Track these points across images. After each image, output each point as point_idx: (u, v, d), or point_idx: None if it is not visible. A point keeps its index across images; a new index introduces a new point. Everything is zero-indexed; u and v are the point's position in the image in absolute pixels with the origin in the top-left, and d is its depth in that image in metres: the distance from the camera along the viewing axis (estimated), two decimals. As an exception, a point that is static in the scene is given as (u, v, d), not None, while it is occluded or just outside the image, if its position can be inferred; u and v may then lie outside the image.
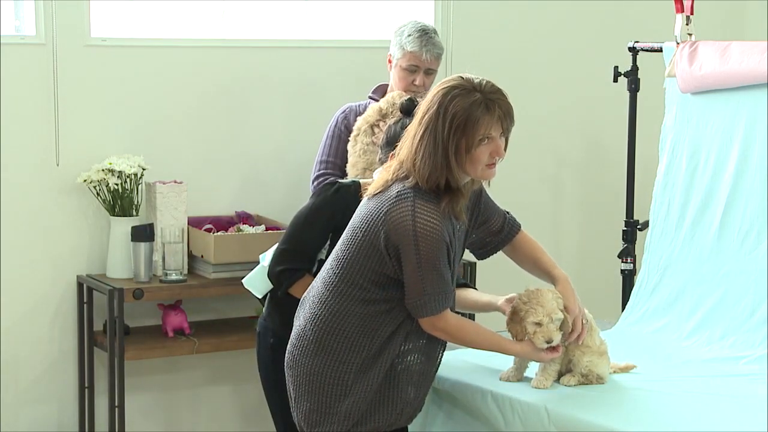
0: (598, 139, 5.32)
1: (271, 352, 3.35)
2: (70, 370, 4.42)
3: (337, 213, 3.27)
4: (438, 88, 2.93)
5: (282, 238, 3.37)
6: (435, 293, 2.90)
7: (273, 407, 3.43)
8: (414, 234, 2.85)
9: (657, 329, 3.75)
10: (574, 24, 5.22)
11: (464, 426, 3.18)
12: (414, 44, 3.98)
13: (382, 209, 2.91)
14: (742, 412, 2.95)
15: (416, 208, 2.86)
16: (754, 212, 3.65)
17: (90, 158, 4.30)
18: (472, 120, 2.86)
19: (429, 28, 4.05)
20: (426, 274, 2.87)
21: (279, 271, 3.29)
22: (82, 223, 4.39)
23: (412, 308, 2.92)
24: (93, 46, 4.35)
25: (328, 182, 3.38)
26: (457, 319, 2.99)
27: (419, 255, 2.85)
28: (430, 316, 2.92)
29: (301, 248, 3.30)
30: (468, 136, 2.87)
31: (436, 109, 2.88)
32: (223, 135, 4.58)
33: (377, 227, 2.90)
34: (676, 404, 3.01)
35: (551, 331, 3.01)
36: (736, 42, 3.81)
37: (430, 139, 2.88)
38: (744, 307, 3.59)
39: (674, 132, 3.93)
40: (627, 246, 4.47)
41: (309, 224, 3.31)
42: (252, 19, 4.64)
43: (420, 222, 2.85)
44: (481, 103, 2.87)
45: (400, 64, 4.01)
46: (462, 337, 3.01)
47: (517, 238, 3.20)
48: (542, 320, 3.01)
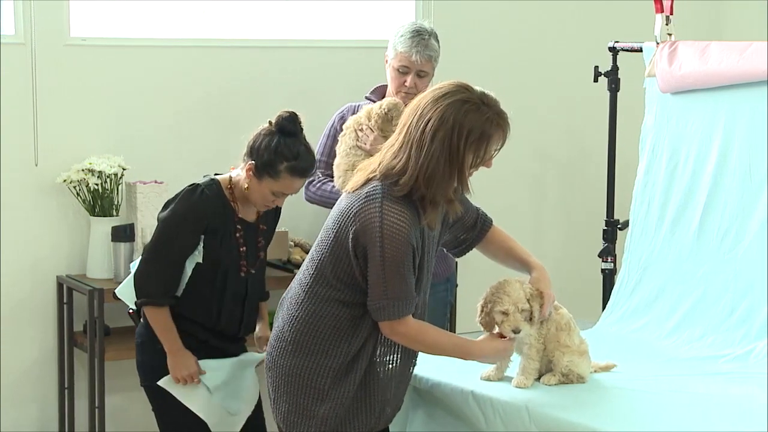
0: (578, 139, 5.34)
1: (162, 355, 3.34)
2: (50, 370, 4.41)
3: (205, 215, 3.28)
4: (439, 97, 2.87)
5: (148, 247, 3.35)
6: (396, 297, 2.88)
7: (157, 410, 3.43)
8: (380, 235, 2.84)
9: (637, 328, 3.76)
10: (554, 24, 5.23)
11: (445, 426, 3.18)
12: (404, 45, 3.94)
13: (352, 210, 2.90)
14: (722, 411, 2.97)
15: (384, 208, 2.85)
16: (733, 212, 3.67)
17: (70, 158, 4.29)
18: (486, 136, 2.86)
19: (425, 29, 3.97)
20: (389, 277, 2.86)
21: (141, 303, 3.32)
22: (61, 223, 4.37)
23: (372, 311, 2.91)
24: (73, 45, 4.33)
25: (190, 187, 3.33)
26: (418, 324, 2.96)
27: (383, 256, 2.84)
28: (389, 320, 2.91)
29: (170, 257, 3.29)
30: (480, 151, 2.87)
31: (452, 124, 2.83)
32: (204, 134, 4.56)
33: (347, 227, 2.90)
34: (657, 403, 3.02)
35: (518, 320, 3.02)
36: (716, 42, 3.82)
37: (439, 150, 2.83)
38: (723, 306, 3.61)
39: (654, 132, 3.94)
40: (607, 245, 4.49)
41: (176, 232, 3.29)
42: (233, 19, 4.63)
43: (387, 223, 2.84)
44: (493, 120, 2.87)
45: (392, 65, 3.99)
46: (422, 341, 2.98)
47: (490, 232, 3.20)
48: (508, 309, 3.01)
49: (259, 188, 3.30)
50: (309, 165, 3.30)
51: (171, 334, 3.32)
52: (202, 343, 3.38)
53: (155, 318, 3.33)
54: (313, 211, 4.18)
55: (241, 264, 3.36)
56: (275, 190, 3.29)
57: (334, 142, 3.96)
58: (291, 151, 3.26)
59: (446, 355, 3.05)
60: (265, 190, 3.29)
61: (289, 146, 3.26)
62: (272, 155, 3.25)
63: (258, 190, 3.30)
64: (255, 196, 3.32)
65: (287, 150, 3.25)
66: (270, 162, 3.25)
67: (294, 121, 3.29)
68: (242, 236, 3.36)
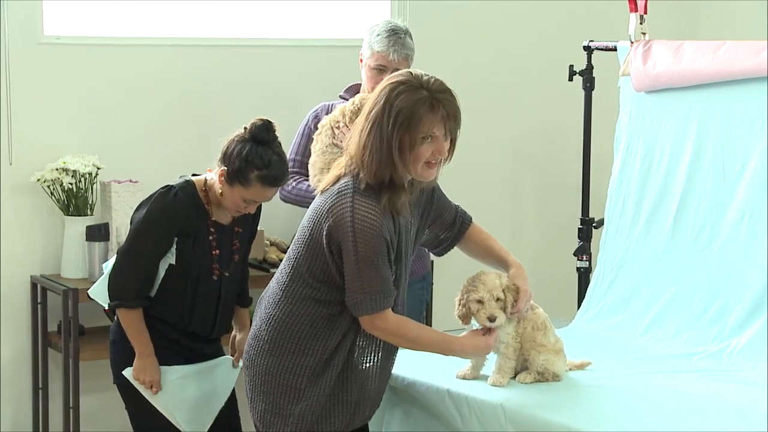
0: (553, 138, 5.35)
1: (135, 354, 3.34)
2: (24, 371, 4.38)
3: (178, 218, 3.28)
4: (385, 83, 2.92)
5: (121, 249, 3.34)
6: (373, 292, 2.88)
7: (129, 408, 3.42)
8: (352, 230, 2.84)
9: (612, 326, 3.78)
10: (529, 23, 5.24)
11: (422, 425, 3.18)
12: (381, 44, 3.95)
13: (325, 206, 2.91)
14: (696, 408, 2.98)
15: (355, 203, 2.86)
16: (707, 210, 3.69)
17: (44, 157, 4.26)
18: (416, 117, 2.85)
19: (400, 28, 3.98)
20: (364, 272, 2.86)
21: (113, 305, 3.32)
22: (35, 222, 4.35)
23: (351, 306, 2.91)
24: (46, 44, 4.31)
25: (164, 189, 3.33)
26: (397, 319, 2.96)
27: (357, 251, 2.84)
28: (368, 315, 2.91)
29: (142, 260, 3.28)
30: (411, 133, 2.85)
31: (382, 105, 2.86)
32: (179, 133, 4.55)
33: (321, 224, 2.90)
34: (631, 401, 3.03)
35: (493, 308, 3.02)
36: (689, 41, 3.84)
37: (376, 134, 2.86)
38: (697, 304, 3.63)
39: (629, 130, 3.96)
40: (582, 244, 4.50)
41: (149, 235, 3.29)
42: (208, 18, 4.61)
43: (358, 218, 2.84)
44: (426, 101, 2.86)
45: (368, 64, 3.99)
46: (403, 335, 2.98)
47: (469, 230, 3.21)
48: (483, 297, 3.02)
49: (231, 194, 3.29)
50: (280, 174, 3.28)
51: (142, 337, 3.32)
52: (173, 343, 3.37)
53: (127, 320, 3.31)
54: (289, 209, 4.17)
55: (213, 267, 3.35)
56: (246, 197, 3.29)
57: (309, 141, 3.96)
58: (262, 159, 3.24)
59: (427, 350, 3.05)
60: (236, 196, 3.29)
61: (261, 155, 3.24)
62: (243, 163, 3.24)
63: (230, 196, 3.30)
64: (227, 201, 3.32)
65: (258, 159, 3.24)
66: (241, 170, 3.24)
67: (268, 129, 3.28)
68: (215, 239, 3.35)
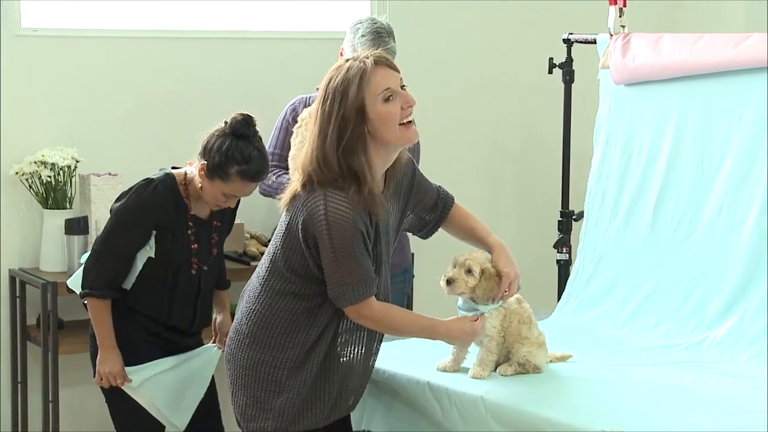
0: (533, 131, 5.36)
1: None
2: (3, 365, 4.36)
3: (157, 212, 3.27)
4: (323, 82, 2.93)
5: (98, 239, 3.34)
6: (354, 282, 2.88)
7: (110, 404, 3.42)
8: (326, 222, 2.84)
9: (592, 318, 3.79)
10: (508, 16, 5.24)
11: (404, 418, 3.18)
12: (365, 46, 3.92)
13: (300, 200, 2.91)
14: (676, 400, 2.99)
15: (328, 196, 2.85)
16: (686, 202, 3.70)
17: (22, 150, 4.24)
18: (365, 82, 2.84)
19: (384, 29, 3.95)
20: (342, 263, 2.86)
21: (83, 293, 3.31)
22: (14, 216, 4.33)
23: (334, 299, 2.91)
24: (24, 36, 4.28)
25: (144, 182, 3.32)
26: (383, 306, 2.97)
27: (333, 244, 2.84)
28: (352, 305, 2.91)
29: (117, 251, 3.28)
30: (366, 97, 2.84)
31: (323, 98, 2.87)
32: (159, 126, 4.53)
33: (297, 218, 2.90)
34: (611, 393, 3.04)
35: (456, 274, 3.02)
36: (668, 34, 3.85)
37: (333, 126, 2.85)
38: (677, 295, 3.64)
39: (608, 123, 3.97)
40: (562, 236, 4.51)
41: (126, 226, 3.29)
42: (186, 11, 4.60)
43: (331, 210, 2.84)
44: (361, 65, 2.86)
45: None
46: (389, 323, 2.98)
47: (452, 210, 3.21)
48: (459, 260, 3.03)
49: (211, 188, 3.28)
50: (260, 169, 3.28)
51: (105, 328, 3.31)
52: (155, 336, 3.37)
53: (94, 310, 3.31)
54: (269, 202, 4.16)
55: (192, 261, 3.35)
56: (226, 192, 3.28)
57: (287, 135, 3.95)
58: (242, 154, 3.24)
59: (413, 335, 3.07)
60: (216, 190, 3.28)
61: (241, 149, 3.24)
62: (223, 158, 3.23)
63: (210, 191, 3.29)
64: (207, 195, 3.31)
65: (238, 153, 3.23)
66: (220, 164, 3.24)
67: (248, 123, 3.27)
68: (194, 233, 3.34)
